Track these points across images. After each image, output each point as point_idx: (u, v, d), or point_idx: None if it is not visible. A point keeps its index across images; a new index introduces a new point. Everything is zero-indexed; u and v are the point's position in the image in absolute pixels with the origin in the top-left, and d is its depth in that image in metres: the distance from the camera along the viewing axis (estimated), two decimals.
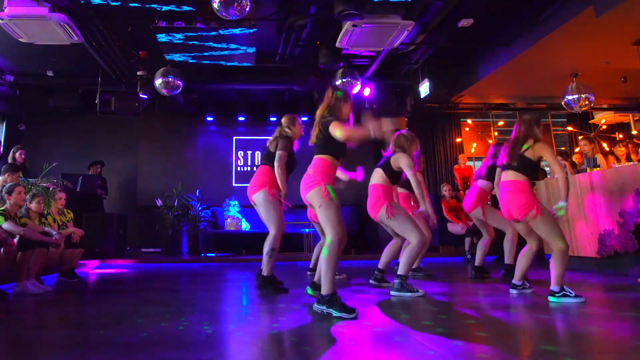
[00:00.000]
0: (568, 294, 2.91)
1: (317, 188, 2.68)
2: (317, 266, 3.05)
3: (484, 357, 1.76)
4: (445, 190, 7.08)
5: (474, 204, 4.23)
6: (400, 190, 4.53)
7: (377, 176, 3.63)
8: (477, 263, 4.39)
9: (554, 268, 2.99)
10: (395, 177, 3.63)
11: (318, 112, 2.89)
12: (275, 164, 3.61)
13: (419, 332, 2.18)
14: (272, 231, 3.56)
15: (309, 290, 3.03)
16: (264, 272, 3.57)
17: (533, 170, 3.18)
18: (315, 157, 2.83)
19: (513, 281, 3.38)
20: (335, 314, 2.48)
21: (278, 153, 3.63)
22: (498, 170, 3.79)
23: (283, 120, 3.89)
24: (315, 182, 2.70)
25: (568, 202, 3.05)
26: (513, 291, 3.34)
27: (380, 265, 3.94)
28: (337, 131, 2.68)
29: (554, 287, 2.96)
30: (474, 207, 4.23)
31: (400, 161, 3.55)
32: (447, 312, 2.73)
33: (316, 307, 2.56)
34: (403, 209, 3.55)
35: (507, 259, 4.09)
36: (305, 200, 2.81)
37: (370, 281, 3.92)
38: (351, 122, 2.92)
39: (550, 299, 2.94)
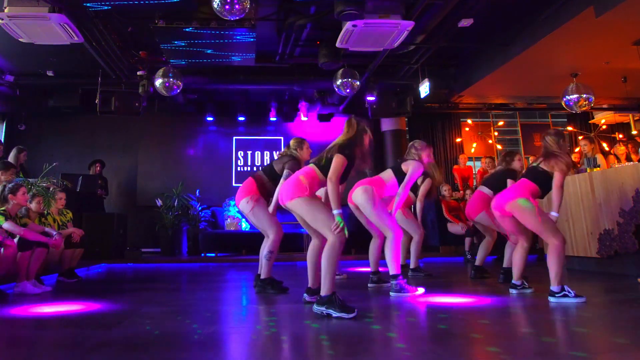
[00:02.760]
0: (568, 294, 2.91)
1: (299, 199, 2.70)
2: (309, 272, 3.04)
3: (484, 357, 1.76)
4: (445, 190, 7.08)
5: (477, 210, 4.19)
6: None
7: (385, 173, 3.74)
8: (477, 263, 4.39)
9: (550, 266, 2.99)
10: (401, 179, 3.65)
11: (337, 141, 2.89)
12: (282, 181, 3.51)
13: (418, 332, 2.18)
14: (270, 236, 3.54)
15: (306, 297, 3.03)
16: (263, 275, 3.56)
17: (548, 182, 3.20)
18: (310, 166, 2.87)
19: (512, 281, 3.38)
20: (334, 314, 2.47)
21: (286, 172, 3.53)
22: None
23: (291, 142, 3.88)
24: (299, 193, 2.72)
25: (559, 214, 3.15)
26: (513, 291, 3.34)
27: (372, 268, 3.96)
28: (334, 166, 2.72)
29: (553, 287, 2.95)
30: (478, 213, 4.19)
31: (409, 165, 3.64)
32: (445, 312, 2.73)
33: (316, 308, 2.56)
34: (384, 207, 3.59)
35: (506, 263, 4.07)
36: (283, 204, 2.84)
37: (369, 285, 3.91)
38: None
39: (550, 299, 2.94)
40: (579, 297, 2.88)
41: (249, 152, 9.44)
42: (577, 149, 8.39)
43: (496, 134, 10.12)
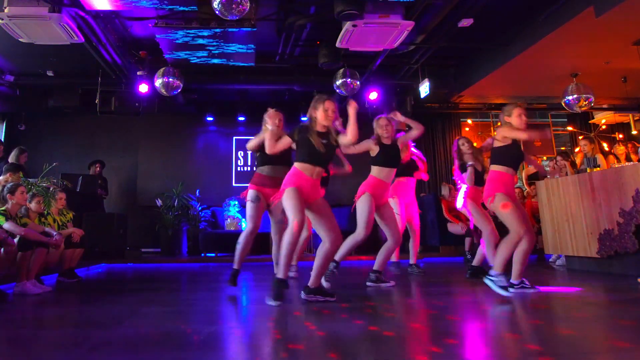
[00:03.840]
0: (525, 285, 3.12)
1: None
2: (313, 268, 3.08)
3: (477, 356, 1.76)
4: (446, 190, 7.08)
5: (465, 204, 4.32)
6: None
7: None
8: (474, 263, 4.39)
9: (498, 251, 3.17)
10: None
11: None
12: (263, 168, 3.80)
13: (416, 332, 2.18)
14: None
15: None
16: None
17: (501, 155, 3.35)
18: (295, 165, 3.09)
19: (511, 280, 3.32)
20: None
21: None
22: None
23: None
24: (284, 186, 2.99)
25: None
26: (510, 289, 3.27)
27: (375, 266, 3.96)
28: (266, 142, 3.13)
29: (513, 280, 3.14)
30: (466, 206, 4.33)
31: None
32: (438, 309, 2.73)
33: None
34: (369, 204, 3.67)
35: (476, 262, 4.27)
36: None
37: (367, 283, 3.92)
38: (338, 126, 3.12)
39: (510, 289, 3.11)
40: (533, 288, 3.11)
41: (249, 152, 9.43)
42: (577, 149, 8.39)
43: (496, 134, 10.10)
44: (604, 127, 9.97)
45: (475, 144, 4.64)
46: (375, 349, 1.90)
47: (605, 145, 8.77)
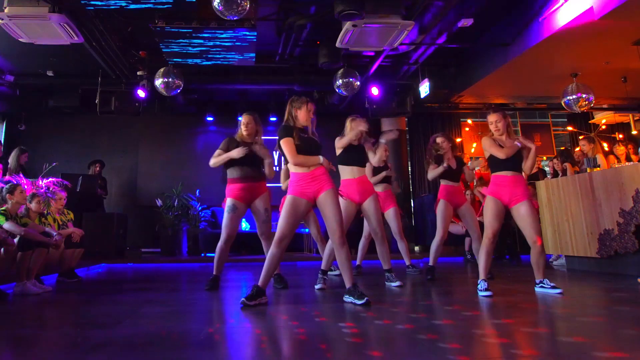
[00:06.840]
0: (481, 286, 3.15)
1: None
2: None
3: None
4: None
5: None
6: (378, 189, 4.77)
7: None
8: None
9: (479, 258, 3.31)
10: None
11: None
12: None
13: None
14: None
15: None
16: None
17: (490, 160, 3.43)
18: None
19: (480, 280, 3.33)
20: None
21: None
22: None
23: None
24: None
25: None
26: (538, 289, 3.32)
27: (385, 266, 4.00)
28: (285, 152, 3.04)
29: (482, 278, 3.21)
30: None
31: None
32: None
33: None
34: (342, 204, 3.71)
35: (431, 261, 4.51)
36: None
37: (387, 283, 3.95)
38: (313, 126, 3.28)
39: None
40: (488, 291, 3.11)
41: None
42: (577, 149, 8.39)
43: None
44: (604, 127, 9.97)
45: (476, 144, 4.77)
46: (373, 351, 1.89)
47: (605, 145, 8.78)
